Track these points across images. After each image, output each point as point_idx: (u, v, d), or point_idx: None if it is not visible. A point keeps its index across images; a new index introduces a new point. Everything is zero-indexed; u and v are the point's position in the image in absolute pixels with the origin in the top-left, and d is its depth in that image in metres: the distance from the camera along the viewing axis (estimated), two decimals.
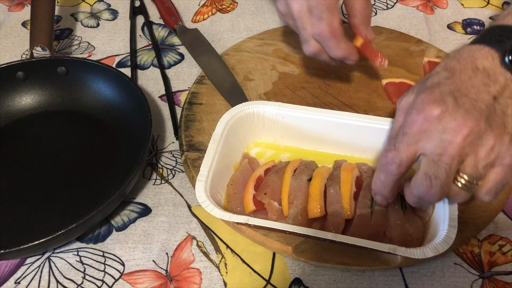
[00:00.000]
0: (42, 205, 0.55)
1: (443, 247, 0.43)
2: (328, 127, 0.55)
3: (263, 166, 0.54)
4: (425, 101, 0.41)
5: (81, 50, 0.75)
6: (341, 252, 0.48)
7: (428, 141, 0.40)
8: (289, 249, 0.48)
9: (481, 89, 0.40)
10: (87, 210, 0.48)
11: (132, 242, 0.53)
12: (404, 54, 0.70)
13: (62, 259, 0.51)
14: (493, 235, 0.53)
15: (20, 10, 0.82)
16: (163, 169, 0.59)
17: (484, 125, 0.39)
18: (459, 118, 0.39)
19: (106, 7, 0.83)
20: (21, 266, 0.51)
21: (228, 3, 0.83)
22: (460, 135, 0.38)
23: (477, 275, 0.50)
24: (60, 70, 0.64)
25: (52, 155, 0.60)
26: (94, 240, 0.53)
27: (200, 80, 0.66)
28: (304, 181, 0.51)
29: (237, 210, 0.51)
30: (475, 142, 0.39)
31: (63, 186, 0.57)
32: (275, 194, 0.51)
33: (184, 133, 0.59)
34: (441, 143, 0.39)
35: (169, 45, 0.75)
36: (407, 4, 0.82)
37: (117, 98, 0.63)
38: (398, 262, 0.47)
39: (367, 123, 0.54)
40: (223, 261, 0.51)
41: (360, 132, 0.55)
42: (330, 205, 0.49)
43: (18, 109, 0.64)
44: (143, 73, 0.71)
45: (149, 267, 0.51)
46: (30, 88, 0.64)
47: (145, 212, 0.55)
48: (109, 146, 0.61)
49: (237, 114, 0.56)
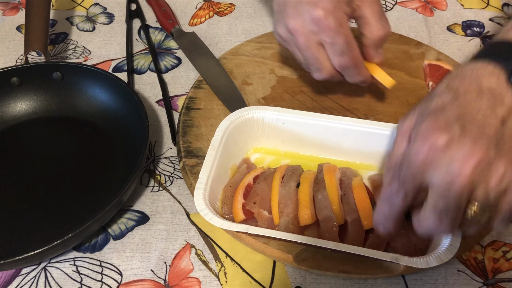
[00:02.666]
0: (37, 214, 0.54)
1: (447, 256, 0.43)
2: (329, 133, 0.55)
3: (251, 174, 0.53)
4: (429, 129, 0.38)
5: (77, 54, 0.74)
6: (342, 260, 0.47)
7: (434, 172, 0.37)
8: (290, 258, 0.48)
9: (487, 113, 0.38)
10: (83, 218, 0.47)
11: (130, 251, 0.52)
12: (404, 57, 0.69)
13: (58, 269, 0.50)
14: (496, 241, 0.52)
15: (15, 14, 0.81)
16: (160, 176, 0.58)
17: (493, 152, 0.36)
18: (467, 147, 0.36)
19: (102, 11, 0.82)
20: (17, 276, 0.50)
21: (226, 6, 0.82)
22: (468, 165, 0.36)
23: (481, 282, 0.49)
24: (55, 76, 0.63)
25: (47, 162, 0.59)
26: (91, 249, 0.52)
27: (198, 84, 0.65)
28: (292, 187, 0.50)
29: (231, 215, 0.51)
30: (485, 171, 0.36)
31: (58, 194, 0.56)
32: (265, 203, 0.50)
33: (182, 139, 0.58)
34: (449, 174, 0.37)
35: (166, 49, 0.75)
36: (406, 6, 0.82)
37: (114, 103, 0.62)
38: (401, 270, 0.46)
39: (369, 128, 0.53)
40: (222, 270, 0.50)
41: (362, 137, 0.54)
42: (320, 211, 0.48)
43: (12, 116, 0.63)
44: (139, 78, 0.70)
45: (147, 276, 0.50)
46: (25, 94, 0.63)
47: (143, 220, 0.54)
48: (106, 152, 0.60)
49: (236, 120, 0.55)
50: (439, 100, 0.40)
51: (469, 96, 0.39)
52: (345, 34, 0.51)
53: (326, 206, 0.48)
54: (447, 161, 0.37)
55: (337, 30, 0.50)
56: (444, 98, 0.40)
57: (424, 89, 0.65)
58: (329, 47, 0.52)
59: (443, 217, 0.38)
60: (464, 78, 0.41)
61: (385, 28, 0.54)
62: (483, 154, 0.36)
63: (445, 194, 0.37)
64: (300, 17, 0.51)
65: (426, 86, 0.65)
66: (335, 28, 0.50)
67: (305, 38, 0.52)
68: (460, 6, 0.81)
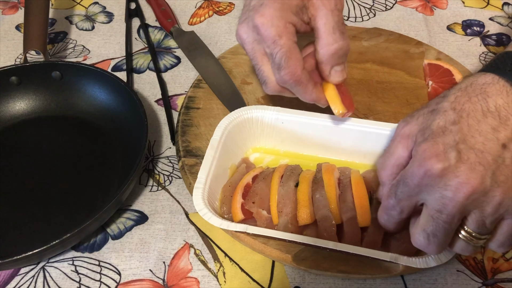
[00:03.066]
0: (36, 213, 0.54)
1: (447, 257, 0.43)
2: (328, 132, 0.54)
3: (250, 173, 0.53)
4: (426, 154, 0.38)
5: (76, 53, 0.74)
6: (341, 260, 0.47)
7: (429, 194, 0.39)
8: (289, 257, 0.48)
9: (489, 137, 0.38)
10: (82, 218, 0.47)
11: (129, 250, 0.52)
12: (404, 56, 0.69)
13: (57, 269, 0.50)
14: None
15: (14, 13, 0.81)
16: (159, 176, 0.58)
17: (490, 181, 0.36)
18: (462, 175, 0.36)
19: (102, 10, 0.81)
20: (15, 276, 0.50)
21: (225, 5, 0.82)
22: (461, 193, 0.36)
23: (480, 283, 0.49)
24: (54, 75, 0.63)
25: (46, 161, 0.59)
26: (89, 249, 0.52)
27: (197, 83, 0.65)
28: (291, 187, 0.50)
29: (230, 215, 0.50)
30: (480, 199, 0.37)
31: (57, 193, 0.56)
32: (264, 203, 0.50)
33: (181, 138, 0.58)
34: (442, 199, 0.37)
35: (165, 48, 0.74)
36: (406, 5, 0.81)
37: (113, 103, 0.62)
38: (400, 270, 0.46)
39: (368, 128, 0.53)
40: (221, 270, 0.50)
41: (361, 137, 0.54)
42: (317, 210, 0.48)
43: (11, 115, 0.63)
44: (139, 77, 0.70)
45: (146, 276, 0.50)
46: (24, 93, 0.63)
47: (142, 220, 0.54)
48: (105, 152, 0.59)
49: (235, 119, 0.55)
50: (442, 118, 0.40)
51: (472, 117, 0.39)
52: (284, 45, 0.45)
53: (324, 205, 0.47)
54: (441, 187, 0.37)
55: (274, 41, 0.46)
56: (447, 118, 0.40)
57: (424, 89, 0.65)
58: (270, 59, 0.47)
59: (431, 240, 0.40)
60: (472, 95, 0.40)
61: (339, 43, 0.47)
62: (478, 183, 0.36)
63: (435, 219, 0.38)
64: (246, 23, 0.48)
65: (426, 85, 0.65)
66: (273, 38, 0.46)
67: (250, 46, 0.49)
68: (461, 4, 0.81)
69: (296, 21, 0.47)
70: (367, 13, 0.80)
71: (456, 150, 0.37)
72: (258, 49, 0.48)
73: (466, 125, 0.38)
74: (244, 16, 0.49)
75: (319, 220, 0.47)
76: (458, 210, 0.37)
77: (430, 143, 0.39)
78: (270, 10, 0.46)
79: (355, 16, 0.79)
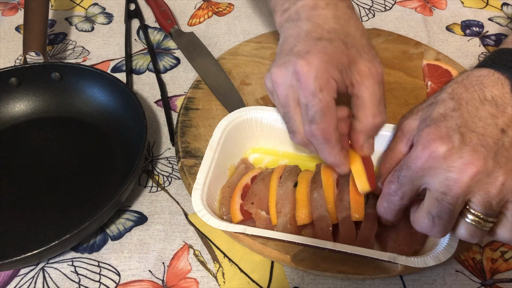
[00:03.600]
0: (35, 214, 0.54)
1: (445, 256, 0.43)
2: None
3: (249, 174, 0.53)
4: (430, 137, 0.39)
5: (75, 54, 0.74)
6: (340, 261, 0.47)
7: (432, 177, 0.39)
8: (288, 258, 0.48)
9: (488, 122, 0.39)
10: (81, 219, 0.47)
11: (128, 251, 0.52)
12: (403, 56, 0.69)
13: (56, 270, 0.50)
14: (495, 242, 0.52)
15: (14, 14, 0.81)
16: (159, 176, 0.58)
17: (492, 162, 0.37)
18: (466, 156, 0.37)
19: (101, 11, 0.82)
20: (15, 277, 0.50)
21: (225, 6, 0.82)
22: (466, 174, 0.37)
23: (479, 283, 0.49)
24: (54, 76, 0.63)
25: (45, 162, 0.59)
26: (89, 250, 0.52)
27: (197, 84, 0.65)
28: (290, 187, 0.50)
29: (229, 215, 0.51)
30: (484, 180, 0.37)
31: (57, 194, 0.56)
32: (262, 203, 0.50)
33: (180, 139, 0.58)
34: (446, 181, 0.38)
35: (164, 49, 0.75)
36: (405, 5, 0.81)
37: (112, 103, 0.62)
38: (399, 270, 0.46)
39: None
40: (220, 270, 0.50)
41: None
42: (315, 210, 0.48)
43: (11, 116, 0.63)
44: (138, 78, 0.70)
45: (145, 277, 0.50)
46: (24, 94, 0.63)
47: (141, 221, 0.54)
48: (104, 152, 0.60)
49: (234, 120, 0.55)
50: (442, 107, 0.41)
51: (471, 105, 0.40)
52: (323, 100, 0.43)
53: (321, 205, 0.47)
54: (445, 169, 0.38)
55: (314, 93, 0.43)
56: (447, 106, 0.41)
57: (423, 89, 0.65)
58: (303, 109, 0.45)
59: (436, 222, 0.39)
60: (468, 86, 0.42)
61: (382, 116, 0.46)
62: (481, 164, 0.37)
63: (440, 200, 0.38)
64: (285, 67, 0.45)
65: (425, 86, 0.65)
66: (313, 90, 0.43)
67: (284, 92, 0.46)
68: (460, 5, 0.81)
69: (339, 79, 0.44)
70: (366, 13, 0.80)
71: (459, 133, 0.38)
72: (292, 97, 0.45)
73: (466, 111, 0.40)
74: (283, 60, 0.46)
75: (316, 220, 0.47)
76: (462, 191, 0.37)
77: (433, 127, 0.40)
78: (317, 60, 0.43)
79: None
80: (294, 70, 0.44)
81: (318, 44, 0.44)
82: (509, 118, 0.39)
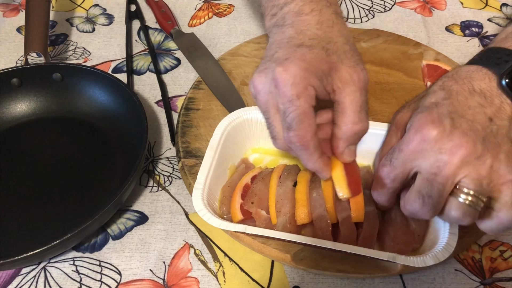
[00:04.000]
0: (37, 214, 0.54)
1: (444, 255, 0.43)
2: None
3: (249, 174, 0.53)
4: (422, 121, 0.41)
5: (76, 55, 0.74)
6: (340, 260, 0.47)
7: (424, 160, 0.40)
8: (288, 257, 0.48)
9: (477, 110, 0.41)
10: (83, 218, 0.47)
11: (129, 250, 0.52)
12: (402, 57, 0.69)
13: (58, 269, 0.51)
14: (494, 241, 0.52)
15: (15, 16, 0.82)
16: (160, 176, 0.59)
17: (481, 146, 0.39)
18: (456, 139, 0.39)
19: (102, 12, 0.82)
20: (16, 276, 0.50)
21: (225, 6, 0.83)
22: (456, 155, 0.39)
23: (478, 282, 0.49)
24: (55, 77, 0.63)
25: (47, 162, 0.59)
26: (90, 249, 0.52)
27: (197, 85, 0.65)
28: (289, 187, 0.50)
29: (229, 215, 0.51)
30: (473, 162, 0.39)
31: (58, 194, 0.56)
32: (262, 203, 0.50)
33: (181, 139, 0.59)
34: (437, 163, 0.39)
35: (165, 49, 0.75)
36: (405, 6, 0.82)
37: (113, 104, 0.62)
38: (398, 269, 0.46)
39: None
40: (221, 270, 0.50)
41: None
42: (314, 209, 0.48)
43: (12, 116, 0.63)
44: (139, 79, 0.70)
45: (146, 276, 0.50)
46: (25, 94, 0.64)
47: (142, 220, 0.55)
48: (105, 153, 0.60)
49: (234, 120, 0.55)
50: (433, 97, 0.43)
51: (461, 95, 0.42)
52: (300, 107, 0.43)
53: (320, 204, 0.48)
54: (436, 151, 0.39)
55: (291, 100, 0.43)
56: (438, 96, 0.43)
57: (422, 89, 0.65)
58: (282, 116, 0.44)
59: (426, 201, 0.41)
60: (458, 79, 0.44)
61: (363, 123, 0.45)
62: (471, 146, 0.39)
63: (431, 181, 0.40)
64: (265, 73, 0.45)
65: (425, 86, 0.65)
66: (290, 97, 0.43)
67: (264, 98, 0.46)
68: (460, 5, 0.82)
69: (318, 86, 0.44)
70: (366, 14, 0.80)
71: (449, 118, 0.40)
72: (272, 103, 0.46)
73: (456, 100, 0.42)
74: (264, 66, 0.46)
75: (315, 219, 0.48)
76: (452, 172, 0.39)
77: (425, 113, 0.41)
78: (295, 67, 0.43)
79: (354, 18, 0.79)
80: (272, 76, 0.44)
81: (297, 51, 0.45)
82: (497, 108, 0.41)
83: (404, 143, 0.42)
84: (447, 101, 0.42)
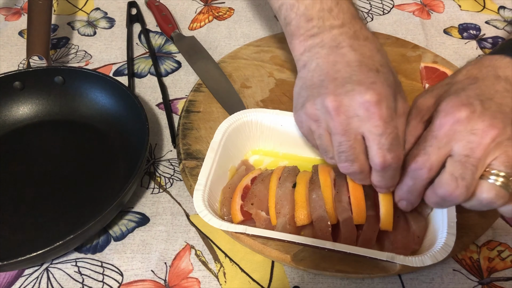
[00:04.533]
0: (39, 215, 0.55)
1: (442, 255, 0.43)
2: None
3: (249, 175, 0.54)
4: (452, 104, 0.42)
5: (78, 58, 0.75)
6: (340, 260, 0.48)
7: (456, 142, 0.41)
8: (288, 258, 0.48)
9: (504, 94, 0.42)
10: (85, 220, 0.48)
11: (131, 252, 0.53)
12: (401, 59, 0.70)
13: (60, 270, 0.51)
14: (492, 241, 0.53)
15: (17, 19, 0.82)
16: (161, 178, 0.59)
17: (510, 128, 0.40)
18: (487, 120, 0.40)
19: (103, 16, 0.83)
20: (19, 277, 0.51)
21: (225, 10, 0.83)
22: (488, 136, 0.39)
23: (476, 282, 0.50)
24: (57, 80, 0.64)
25: (49, 165, 0.60)
26: (92, 250, 0.53)
27: (197, 88, 0.66)
28: (289, 188, 0.51)
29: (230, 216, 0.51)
30: (504, 143, 0.40)
31: (60, 196, 0.57)
32: (262, 204, 0.51)
33: (182, 141, 0.59)
34: (469, 144, 0.40)
35: (166, 52, 0.75)
36: (404, 9, 0.82)
37: (115, 107, 0.63)
38: (397, 269, 0.47)
39: None
40: (221, 270, 0.51)
41: None
42: (314, 210, 0.49)
43: (15, 119, 0.64)
44: (140, 82, 0.71)
45: (148, 277, 0.51)
46: (27, 98, 0.64)
47: (143, 222, 0.55)
48: (107, 155, 0.60)
49: (235, 122, 0.56)
50: (460, 84, 0.44)
51: (487, 80, 0.43)
52: (396, 128, 0.43)
53: (320, 205, 0.48)
54: (468, 132, 0.40)
55: (388, 122, 0.42)
56: (464, 82, 0.44)
57: (421, 91, 0.65)
58: (376, 140, 0.43)
59: (459, 183, 0.40)
60: (482, 67, 0.45)
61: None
62: (501, 127, 0.40)
63: (463, 162, 0.40)
64: (347, 96, 0.43)
65: (423, 88, 0.66)
66: (387, 119, 0.42)
67: (345, 120, 0.43)
68: (458, 8, 0.82)
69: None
70: (365, 17, 0.81)
71: (479, 100, 0.41)
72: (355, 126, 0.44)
73: (483, 84, 0.43)
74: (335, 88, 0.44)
75: (315, 220, 0.48)
76: (484, 153, 0.40)
77: (453, 96, 0.42)
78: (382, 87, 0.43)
79: None
80: (361, 101, 0.42)
81: (379, 76, 0.44)
82: None
83: (436, 128, 0.42)
84: (474, 85, 0.43)
